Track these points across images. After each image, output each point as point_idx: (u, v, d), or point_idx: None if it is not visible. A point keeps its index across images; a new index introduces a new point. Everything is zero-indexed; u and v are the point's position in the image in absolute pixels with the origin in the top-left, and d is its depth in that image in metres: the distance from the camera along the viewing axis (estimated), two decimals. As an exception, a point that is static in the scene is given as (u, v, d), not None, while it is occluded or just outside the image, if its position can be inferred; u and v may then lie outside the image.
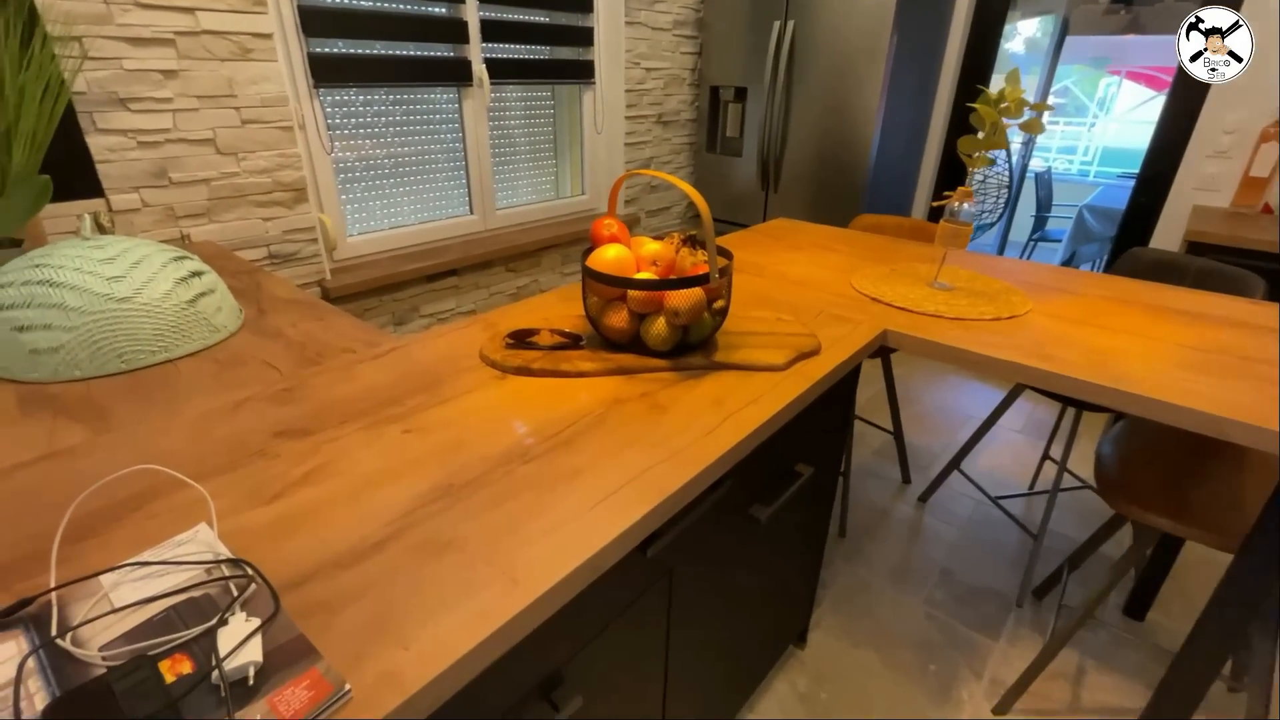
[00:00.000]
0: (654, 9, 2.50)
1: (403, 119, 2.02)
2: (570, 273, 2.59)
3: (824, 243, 1.66)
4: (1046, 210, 4.59)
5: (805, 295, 1.26)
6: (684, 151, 2.92)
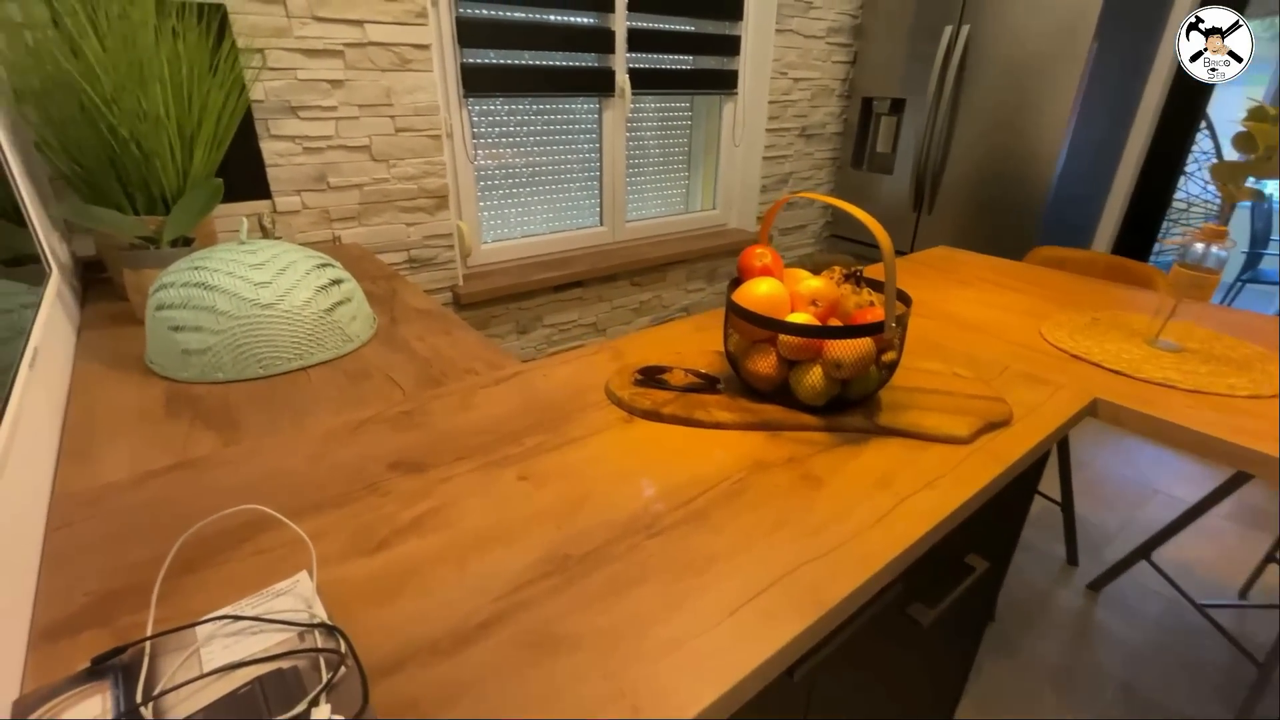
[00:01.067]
0: (808, 15, 2.34)
1: (543, 127, 2.03)
2: (694, 289, 2.48)
3: (998, 279, 1.43)
4: (1263, 246, 3.85)
5: (984, 344, 1.06)
6: (826, 167, 2.73)
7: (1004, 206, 2.19)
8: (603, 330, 2.26)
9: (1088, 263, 1.62)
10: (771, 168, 2.52)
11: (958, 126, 2.25)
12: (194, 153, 1.13)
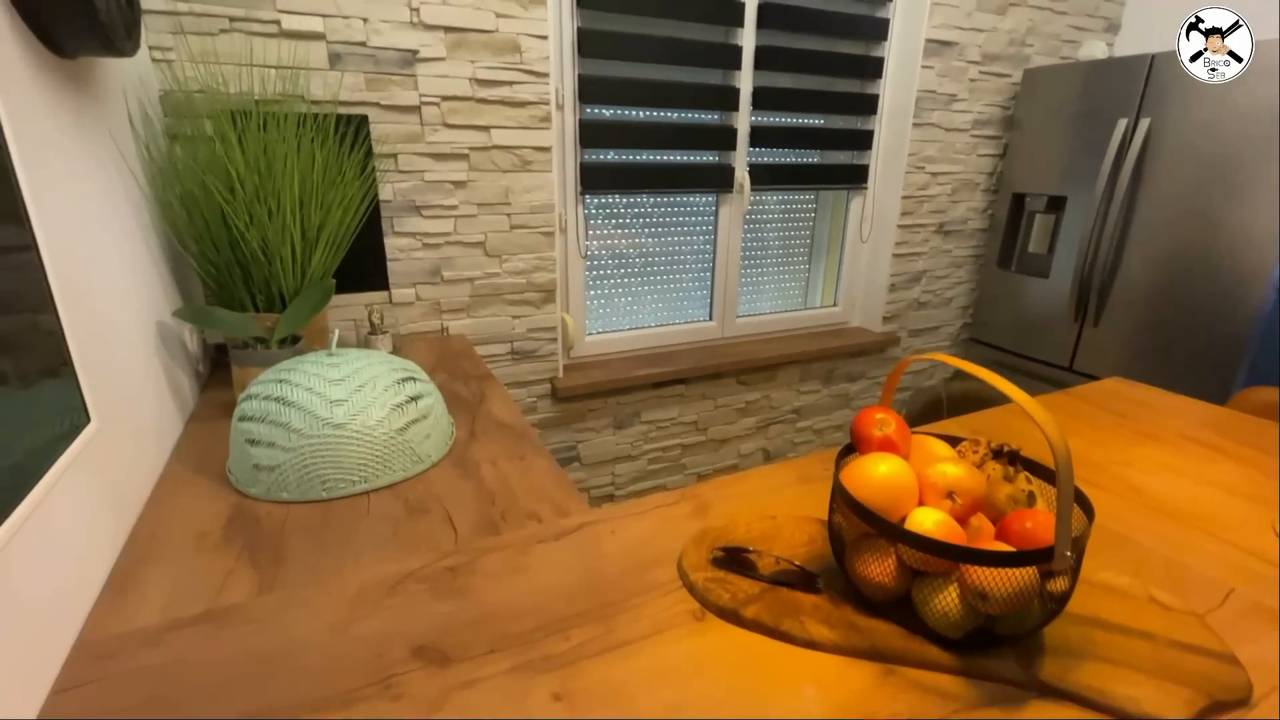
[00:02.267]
0: (950, 109, 2.18)
1: (658, 217, 2.00)
2: (808, 390, 2.29)
3: (1199, 433, 1.13)
4: None
5: (1191, 544, 0.80)
6: (967, 265, 2.47)
7: (1195, 327, 1.82)
8: (704, 430, 2.12)
9: (1330, 416, 1.25)
10: (902, 265, 2.31)
11: (1133, 229, 1.94)
12: (314, 253, 1.18)
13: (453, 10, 1.40)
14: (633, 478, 2.05)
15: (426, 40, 1.40)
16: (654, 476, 2.09)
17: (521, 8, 1.47)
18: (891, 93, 2.15)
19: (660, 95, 1.78)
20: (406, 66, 1.40)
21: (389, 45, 1.37)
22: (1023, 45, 2.24)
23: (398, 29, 1.37)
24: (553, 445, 1.87)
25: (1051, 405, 1.24)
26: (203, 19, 1.21)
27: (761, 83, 1.91)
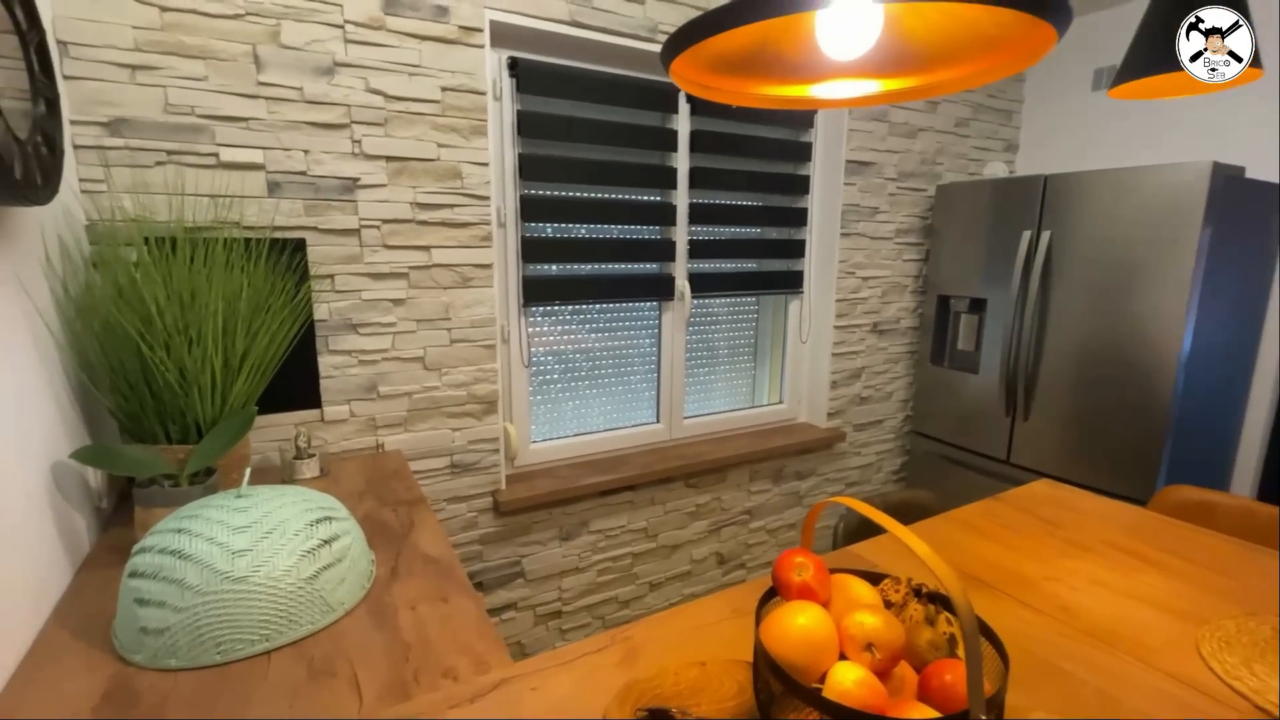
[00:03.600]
0: (874, 220, 2.34)
1: (604, 323, 2.03)
2: (759, 490, 2.28)
3: (1126, 541, 1.16)
4: None
5: (1120, 672, 0.79)
6: (903, 361, 2.57)
7: (1116, 421, 1.92)
8: (654, 536, 2.07)
9: (1243, 515, 1.31)
10: (842, 363, 2.39)
11: (1049, 329, 2.07)
12: (237, 381, 1.14)
13: (395, 142, 1.46)
14: (582, 591, 1.96)
15: (368, 169, 1.45)
16: (604, 589, 2.01)
17: (463, 138, 1.54)
18: (819, 206, 2.30)
19: (602, 211, 1.86)
20: (347, 193, 1.43)
21: (330, 174, 1.41)
22: (934, 164, 2.46)
23: (339, 159, 1.41)
24: (495, 562, 1.79)
25: (985, 514, 1.26)
26: (138, 153, 1.23)
27: (697, 199, 2.03)
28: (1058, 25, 0.44)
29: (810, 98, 0.57)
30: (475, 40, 1.53)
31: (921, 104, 2.37)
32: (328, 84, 1.38)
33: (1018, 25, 0.47)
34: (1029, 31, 0.47)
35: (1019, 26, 0.47)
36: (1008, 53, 0.51)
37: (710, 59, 0.58)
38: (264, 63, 1.31)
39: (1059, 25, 0.44)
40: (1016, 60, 0.52)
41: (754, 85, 0.56)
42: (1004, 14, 0.45)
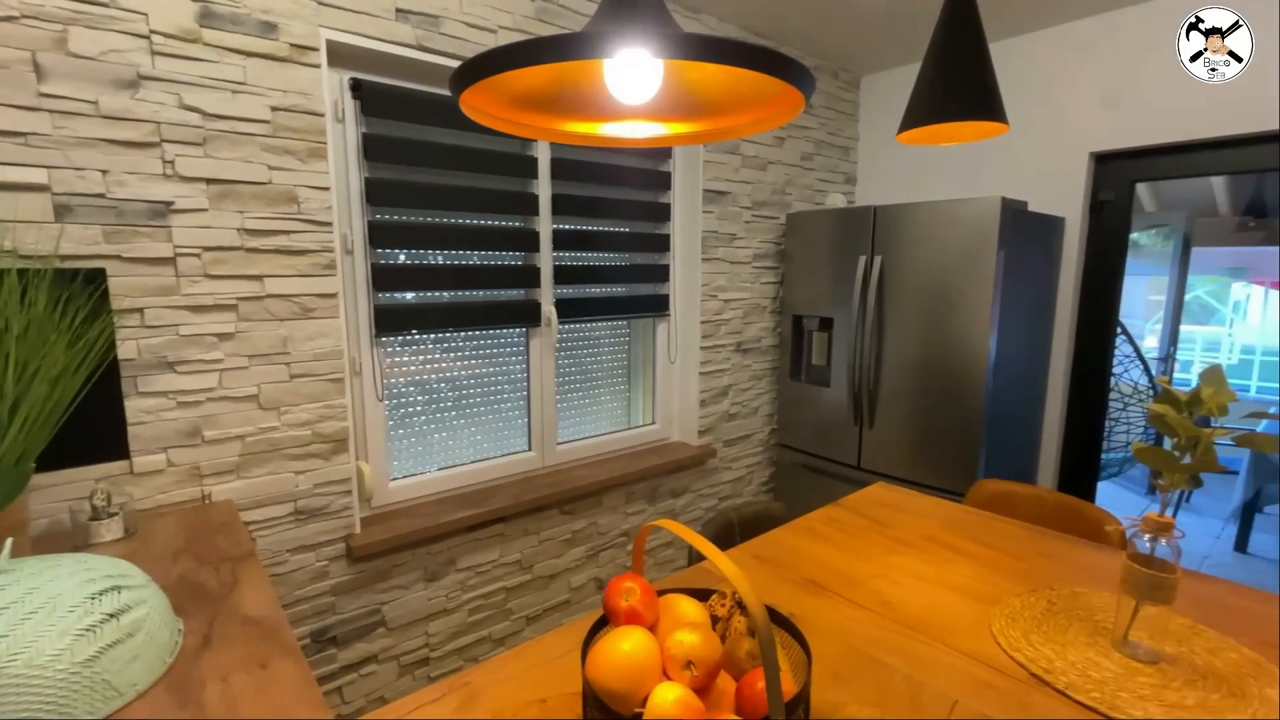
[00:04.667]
0: (732, 245, 2.48)
1: (470, 350, 1.97)
2: (635, 512, 2.30)
3: (942, 535, 1.29)
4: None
5: (928, 658, 0.88)
6: (765, 378, 2.72)
7: (943, 425, 2.15)
8: (529, 568, 2.02)
9: (1035, 502, 1.50)
10: (709, 381, 2.49)
11: (886, 344, 2.28)
12: (7, 432, 0.98)
13: (217, 163, 1.35)
14: (451, 633, 1.87)
15: (184, 191, 1.32)
16: (477, 628, 1.92)
17: (299, 161, 1.45)
18: (681, 233, 2.40)
19: (460, 237, 1.82)
20: (158, 218, 1.29)
21: (136, 197, 1.27)
22: (784, 194, 2.66)
23: (147, 180, 1.27)
24: (351, 612, 1.65)
25: (826, 520, 1.36)
26: (-128, 169, 1.03)
27: (561, 225, 2.05)
28: (803, 89, 0.50)
29: (601, 135, 0.60)
30: (310, 59, 1.45)
31: (769, 139, 2.56)
32: (130, 98, 1.24)
33: (774, 86, 0.53)
34: (784, 91, 0.53)
35: (776, 87, 0.53)
36: (774, 107, 0.57)
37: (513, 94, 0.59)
38: (46, 72, 1.16)
39: (804, 89, 0.50)
40: (782, 113, 0.58)
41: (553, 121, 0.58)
42: (757, 76, 0.50)
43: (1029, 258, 2.18)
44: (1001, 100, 1.04)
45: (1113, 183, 2.34)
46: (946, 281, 2.10)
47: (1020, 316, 2.18)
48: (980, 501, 1.60)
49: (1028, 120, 2.42)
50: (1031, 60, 2.40)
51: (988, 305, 2.00)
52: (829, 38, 2.48)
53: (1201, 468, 0.80)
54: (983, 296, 2.01)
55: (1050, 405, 2.45)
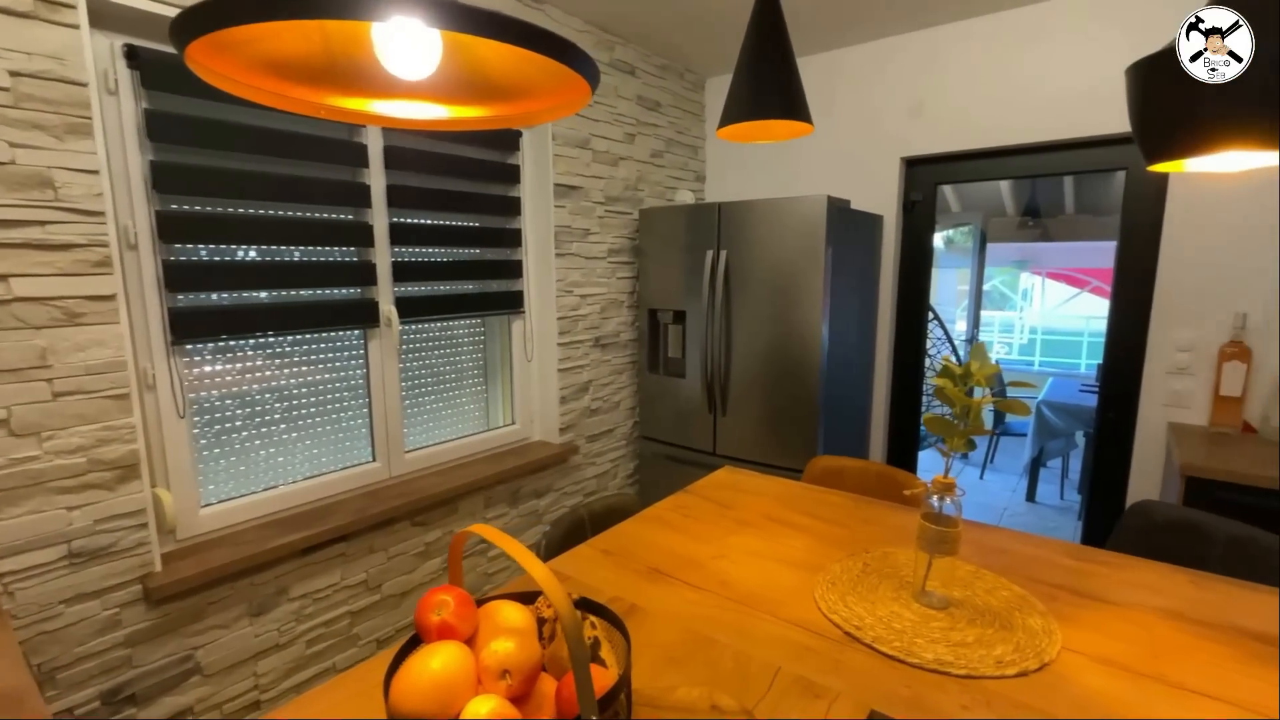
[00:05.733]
0: (587, 241, 2.47)
1: (299, 358, 1.79)
2: (496, 516, 2.22)
3: (778, 512, 1.37)
4: (1003, 403, 4.54)
5: (756, 629, 0.92)
6: (626, 372, 2.76)
7: (786, 405, 2.30)
8: (377, 587, 1.87)
9: (861, 473, 1.65)
10: (569, 378, 2.47)
11: (734, 335, 2.40)
12: None
13: (-70, 135, 1.09)
14: (287, 670, 1.68)
15: (-120, 170, 1.05)
16: (317, 660, 1.75)
17: (54, 138, 1.22)
18: (533, 228, 2.35)
19: (278, 232, 1.64)
20: None
21: None
22: (636, 190, 2.70)
23: None
24: (154, 664, 1.43)
25: (674, 507, 1.39)
26: None
27: (399, 219, 1.91)
28: (585, 75, 0.49)
29: (373, 113, 0.55)
30: (65, 18, 1.22)
31: (621, 136, 2.59)
32: None
33: (561, 72, 0.51)
34: (570, 79, 0.52)
35: (562, 73, 0.51)
36: (563, 95, 0.56)
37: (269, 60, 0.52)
38: None
39: (586, 75, 0.49)
40: (570, 102, 0.56)
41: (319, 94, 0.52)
42: (546, 61, 0.48)
43: (854, 252, 2.40)
44: (806, 102, 1.12)
45: (920, 185, 2.63)
46: (784, 274, 2.24)
47: (849, 305, 2.38)
48: (815, 477, 1.72)
49: (851, 127, 2.65)
50: (851, 71, 2.63)
51: (820, 295, 2.17)
52: (674, 38, 2.54)
53: (973, 432, 0.91)
54: (815, 287, 2.17)
55: (878, 385, 2.71)
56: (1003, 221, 5.15)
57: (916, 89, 2.47)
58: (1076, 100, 2.15)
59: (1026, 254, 6.21)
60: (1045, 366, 6.38)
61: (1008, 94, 2.28)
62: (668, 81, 2.81)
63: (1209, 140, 0.69)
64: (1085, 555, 1.14)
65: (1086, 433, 3.73)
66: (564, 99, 0.57)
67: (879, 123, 2.58)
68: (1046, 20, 2.18)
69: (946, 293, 5.63)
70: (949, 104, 2.40)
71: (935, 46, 2.41)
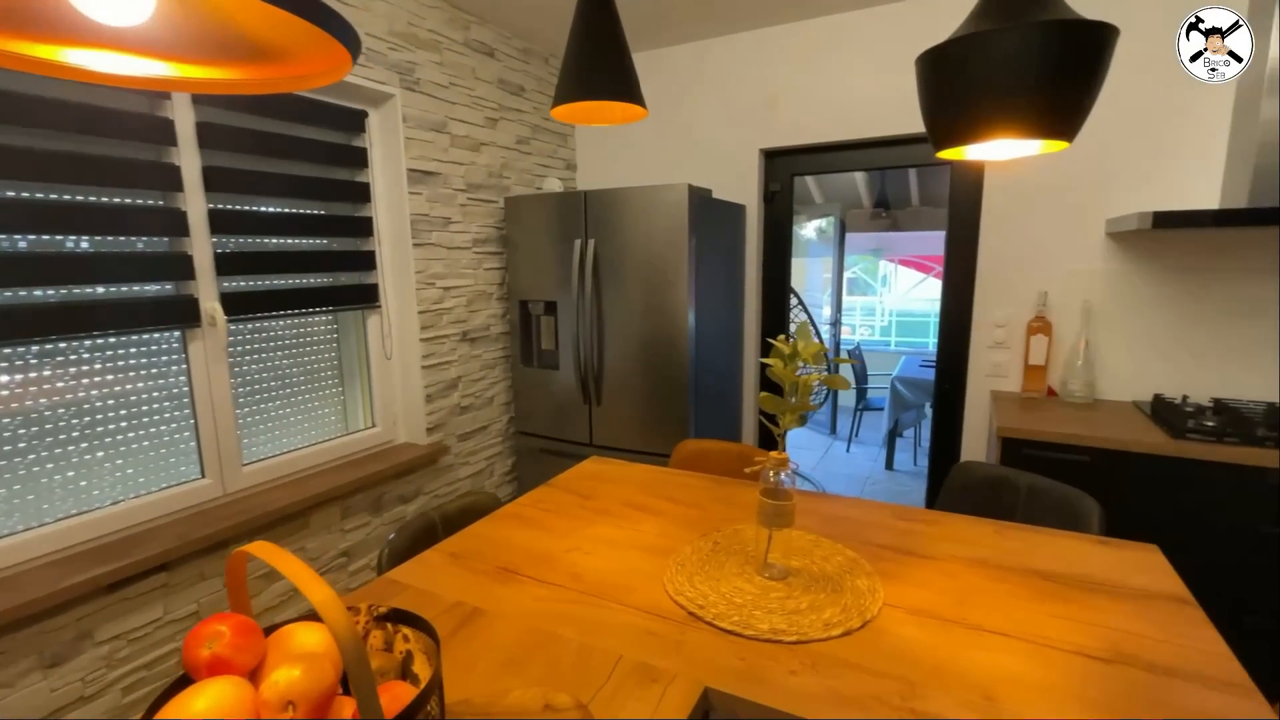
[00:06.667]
0: (448, 230, 2.35)
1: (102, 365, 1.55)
2: (355, 528, 2.07)
3: (639, 498, 1.37)
4: (864, 382, 4.92)
5: (603, 619, 0.90)
6: (498, 366, 2.67)
7: (659, 392, 2.32)
8: (213, 617, 1.67)
9: (723, 455, 1.70)
10: (435, 375, 2.34)
11: (606, 324, 2.39)
12: None
13: None
14: (99, 724, 1.46)
15: None
16: (138, 707, 1.54)
17: None
18: (386, 216, 2.20)
19: (50, 218, 1.40)
20: None
21: None
22: (501, 177, 2.61)
23: None
24: (-94, 741, 1.18)
25: (534, 502, 1.35)
26: None
27: (219, 205, 1.71)
28: (340, 38, 0.43)
29: (65, 64, 0.46)
30: None
31: (480, 120, 2.48)
32: None
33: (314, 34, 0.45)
34: (325, 43, 0.46)
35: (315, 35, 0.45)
36: (318, 62, 0.49)
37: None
38: None
39: (342, 39, 0.43)
40: (327, 70, 0.50)
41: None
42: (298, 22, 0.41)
43: (719, 240, 2.46)
44: (638, 85, 1.11)
45: (779, 175, 2.75)
46: (651, 262, 2.26)
47: (716, 292, 2.45)
48: (682, 460, 1.75)
49: (715, 118, 2.72)
50: (713, 64, 2.69)
51: (685, 282, 2.21)
52: (536, 22, 2.47)
53: (802, 408, 0.95)
54: (681, 275, 2.21)
55: (747, 368, 2.82)
56: (860, 213, 5.57)
57: (771, 83, 2.58)
58: (911, 97, 2.33)
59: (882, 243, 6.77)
60: (900, 346, 7.01)
61: (852, 91, 2.44)
62: (531, 66, 2.73)
63: (981, 130, 0.75)
64: (910, 515, 1.24)
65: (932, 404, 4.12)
66: (322, 65, 0.50)
67: (739, 115, 2.67)
68: (882, 23, 2.35)
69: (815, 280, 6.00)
70: (800, 98, 2.53)
71: (786, 43, 2.52)
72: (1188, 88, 1.89)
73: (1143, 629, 0.85)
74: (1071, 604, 0.92)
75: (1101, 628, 0.86)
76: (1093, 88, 0.70)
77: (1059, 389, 2.25)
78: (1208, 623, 0.86)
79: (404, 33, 2.11)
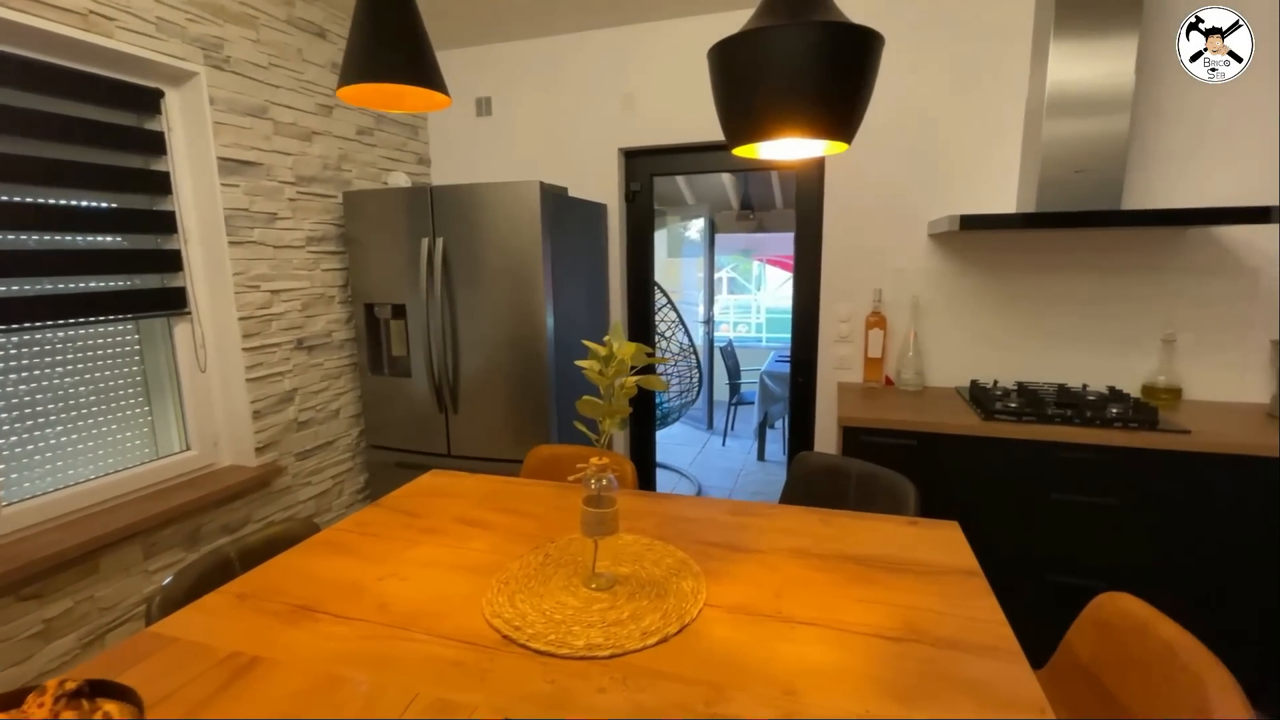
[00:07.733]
0: (274, 227, 2.12)
1: None
2: (162, 568, 1.81)
3: (474, 512, 1.29)
4: (737, 377, 5.11)
5: (406, 654, 0.82)
6: (345, 374, 2.45)
7: (517, 399, 2.24)
8: (-41, 695, 1.37)
9: (573, 458, 1.65)
10: (264, 388, 2.10)
11: (460, 327, 2.27)
12: None
13: None
14: None
15: None
16: None
17: None
18: (193, 210, 1.93)
19: None
20: None
21: None
22: (340, 170, 2.40)
23: None
24: None
25: (355, 525, 1.22)
26: None
27: (-44, 194, 1.41)
28: None
29: None
30: None
31: (313, 107, 2.26)
32: None
33: None
34: None
35: None
36: None
37: None
38: None
39: None
40: None
41: None
42: None
43: (579, 239, 2.42)
44: (438, 71, 1.04)
45: (639, 175, 2.75)
46: (506, 262, 2.17)
47: (578, 291, 2.40)
48: (535, 468, 1.69)
49: (574, 116, 2.67)
50: (570, 61, 2.63)
51: (542, 283, 2.14)
52: (367, 2, 2.29)
53: (618, 411, 0.92)
54: (536, 275, 2.14)
55: (614, 369, 2.80)
56: (728, 214, 5.78)
57: (629, 82, 2.57)
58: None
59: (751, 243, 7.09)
60: (771, 342, 7.38)
61: (701, 93, 2.49)
62: (372, 51, 2.53)
63: (766, 128, 0.75)
64: (746, 510, 1.26)
65: (793, 396, 4.35)
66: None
67: (597, 113, 2.64)
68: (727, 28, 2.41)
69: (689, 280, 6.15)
70: (659, 99, 2.54)
71: (639, 43, 2.53)
72: (994, 107, 2.12)
73: (933, 604, 0.91)
74: (876, 585, 0.96)
75: (898, 607, 0.90)
76: (862, 90, 0.73)
77: (895, 379, 2.42)
78: (989, 592, 0.93)
79: (207, 3, 1.86)
